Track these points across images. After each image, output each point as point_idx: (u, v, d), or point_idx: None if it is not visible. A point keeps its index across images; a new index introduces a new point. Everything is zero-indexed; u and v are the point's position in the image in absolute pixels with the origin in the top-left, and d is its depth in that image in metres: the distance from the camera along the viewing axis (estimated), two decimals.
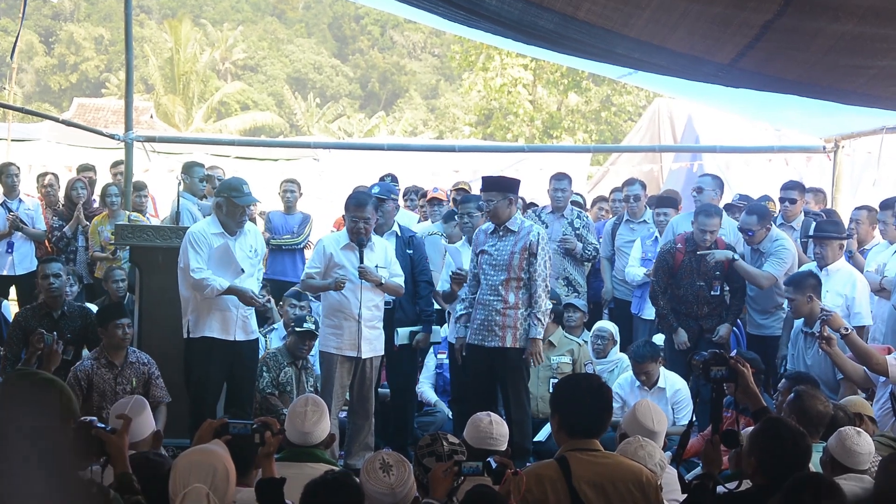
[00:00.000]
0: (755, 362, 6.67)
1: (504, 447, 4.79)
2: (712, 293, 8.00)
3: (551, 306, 7.34)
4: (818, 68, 5.67)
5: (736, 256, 7.96)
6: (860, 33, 4.92)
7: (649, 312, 8.80)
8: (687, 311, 8.10)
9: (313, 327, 7.68)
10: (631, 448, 4.54)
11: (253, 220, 9.17)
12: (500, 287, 6.97)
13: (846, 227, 8.17)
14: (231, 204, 6.91)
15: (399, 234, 7.82)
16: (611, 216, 10.50)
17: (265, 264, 8.87)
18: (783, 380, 6.30)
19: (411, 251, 7.75)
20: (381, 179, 10.09)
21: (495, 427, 4.83)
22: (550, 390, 7.94)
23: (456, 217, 8.43)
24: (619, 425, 5.35)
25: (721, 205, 8.92)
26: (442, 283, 7.78)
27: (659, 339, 8.30)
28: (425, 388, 8.49)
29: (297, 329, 7.76)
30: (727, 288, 8.07)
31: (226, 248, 6.85)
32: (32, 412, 3.04)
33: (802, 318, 6.99)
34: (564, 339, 8.19)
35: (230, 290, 6.78)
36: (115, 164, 10.99)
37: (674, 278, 8.14)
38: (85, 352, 7.45)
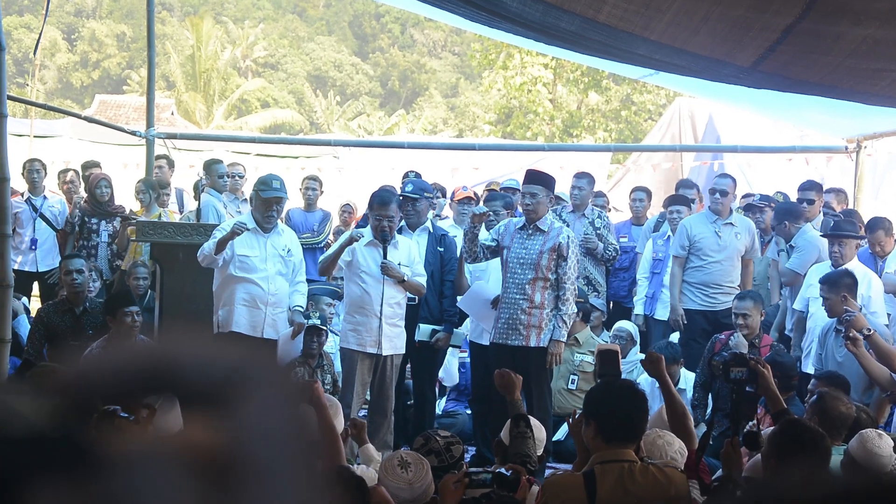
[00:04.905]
0: (791, 368, 6.66)
1: (539, 451, 4.69)
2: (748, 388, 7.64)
3: (576, 308, 7.32)
4: (839, 72, 5.68)
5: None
6: (882, 37, 4.93)
7: (662, 313, 8.79)
8: (723, 407, 7.64)
9: (318, 322, 7.67)
10: (649, 439, 4.52)
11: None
12: (526, 286, 6.92)
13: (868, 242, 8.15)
14: (258, 198, 6.99)
15: (431, 231, 7.79)
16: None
17: None
18: (813, 379, 6.29)
19: (442, 249, 7.71)
20: (405, 176, 10.07)
21: (534, 430, 4.73)
22: (569, 386, 7.95)
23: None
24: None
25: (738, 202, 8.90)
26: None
27: (675, 337, 8.30)
28: (452, 369, 8.44)
29: None
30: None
31: (249, 235, 6.88)
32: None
33: (834, 317, 6.90)
34: (591, 338, 8.18)
35: (220, 242, 6.68)
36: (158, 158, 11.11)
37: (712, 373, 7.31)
38: None
